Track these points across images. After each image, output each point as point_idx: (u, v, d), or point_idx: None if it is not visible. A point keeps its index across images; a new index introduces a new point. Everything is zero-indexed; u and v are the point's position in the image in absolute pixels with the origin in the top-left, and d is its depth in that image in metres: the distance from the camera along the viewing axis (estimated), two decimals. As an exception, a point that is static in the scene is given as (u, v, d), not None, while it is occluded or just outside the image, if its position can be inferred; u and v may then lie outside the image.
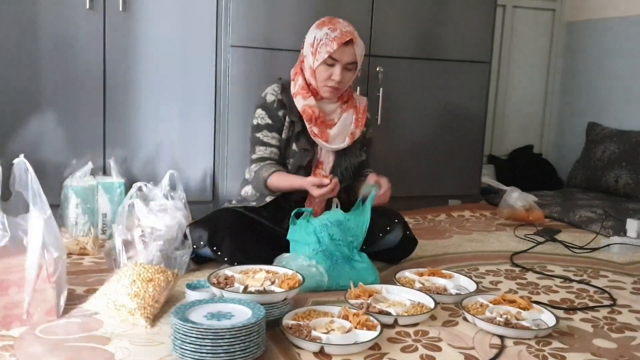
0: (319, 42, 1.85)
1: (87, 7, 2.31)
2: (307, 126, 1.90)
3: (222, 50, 2.53)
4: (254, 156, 1.93)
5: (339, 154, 1.96)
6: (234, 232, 1.84)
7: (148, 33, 2.43)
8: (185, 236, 1.85)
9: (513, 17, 3.68)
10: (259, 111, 1.93)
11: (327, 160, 1.95)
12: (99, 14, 2.34)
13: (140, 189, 1.90)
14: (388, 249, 1.97)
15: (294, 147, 1.92)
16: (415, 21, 2.84)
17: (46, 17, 2.28)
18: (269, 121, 1.92)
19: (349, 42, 1.84)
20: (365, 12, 2.71)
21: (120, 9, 2.35)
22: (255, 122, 1.94)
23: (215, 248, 1.80)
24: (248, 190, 2.00)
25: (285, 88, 1.95)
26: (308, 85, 1.91)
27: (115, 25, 2.37)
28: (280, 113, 1.92)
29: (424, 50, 2.85)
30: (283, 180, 1.86)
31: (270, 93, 1.94)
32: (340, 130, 1.95)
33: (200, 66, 2.52)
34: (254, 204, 1.96)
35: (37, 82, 2.30)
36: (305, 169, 1.92)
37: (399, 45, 1.80)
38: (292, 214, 1.82)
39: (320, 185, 1.75)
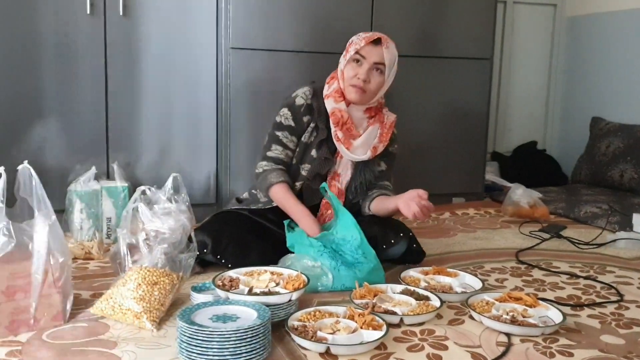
0: (351, 43, 1.87)
1: (88, 12, 2.31)
2: (333, 129, 1.88)
3: (222, 52, 2.53)
4: (268, 153, 1.91)
5: (358, 168, 1.93)
6: (238, 240, 1.84)
7: (148, 37, 2.44)
8: (189, 239, 1.86)
9: (514, 13, 3.67)
10: (285, 111, 1.91)
11: (345, 173, 1.93)
12: (100, 19, 2.35)
13: (144, 192, 1.89)
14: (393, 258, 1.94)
15: (313, 153, 1.90)
16: (415, 19, 2.83)
17: (47, 23, 2.29)
18: (292, 124, 1.90)
19: (378, 42, 1.83)
20: (365, 10, 2.71)
21: (121, 14, 2.36)
22: (278, 119, 1.92)
23: (219, 256, 1.81)
24: None
25: (316, 93, 1.92)
26: (342, 90, 1.89)
27: (116, 29, 2.38)
28: (305, 119, 1.91)
29: (424, 48, 2.85)
30: (284, 199, 1.86)
31: (301, 96, 1.91)
32: (364, 142, 1.91)
33: (201, 69, 2.52)
34: (260, 205, 1.95)
35: (40, 87, 2.31)
36: (322, 178, 1.91)
37: (399, 43, 1.80)
38: (286, 223, 1.83)
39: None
